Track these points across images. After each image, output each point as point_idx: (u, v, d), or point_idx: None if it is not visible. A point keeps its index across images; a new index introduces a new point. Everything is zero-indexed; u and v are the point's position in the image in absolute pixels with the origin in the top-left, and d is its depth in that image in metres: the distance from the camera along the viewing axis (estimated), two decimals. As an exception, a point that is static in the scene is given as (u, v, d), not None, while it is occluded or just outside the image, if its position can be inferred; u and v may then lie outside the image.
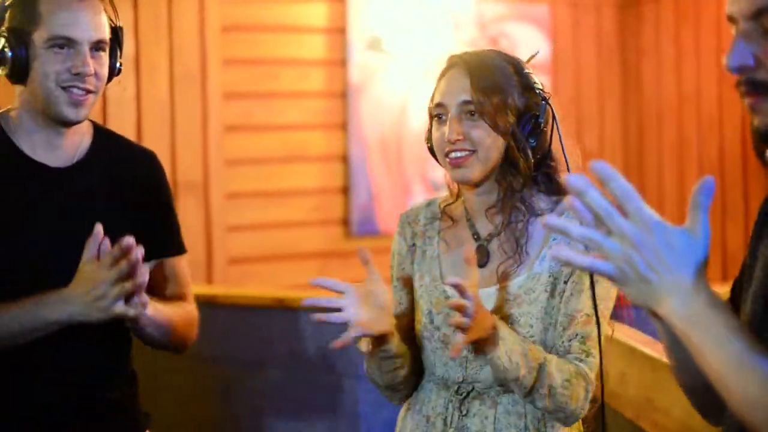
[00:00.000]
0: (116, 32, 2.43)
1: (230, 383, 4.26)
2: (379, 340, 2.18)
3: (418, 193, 6.20)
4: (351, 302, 2.11)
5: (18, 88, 2.38)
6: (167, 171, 2.58)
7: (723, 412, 1.62)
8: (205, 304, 4.33)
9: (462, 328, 2.01)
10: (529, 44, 6.70)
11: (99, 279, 2.19)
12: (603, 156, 6.98)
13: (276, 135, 5.96)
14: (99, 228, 2.21)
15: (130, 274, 2.19)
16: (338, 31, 6.10)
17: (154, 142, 5.41)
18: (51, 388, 2.34)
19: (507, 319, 2.20)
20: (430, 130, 2.29)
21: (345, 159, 6.14)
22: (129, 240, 2.18)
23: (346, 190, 6.11)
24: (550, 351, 2.19)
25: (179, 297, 2.53)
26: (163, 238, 2.52)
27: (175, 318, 2.44)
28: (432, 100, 2.27)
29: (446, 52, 2.39)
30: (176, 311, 2.46)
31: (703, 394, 1.61)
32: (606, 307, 2.19)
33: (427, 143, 2.30)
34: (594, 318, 2.14)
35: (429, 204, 2.39)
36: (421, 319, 2.29)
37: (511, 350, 2.09)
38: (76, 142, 2.43)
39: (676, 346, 1.53)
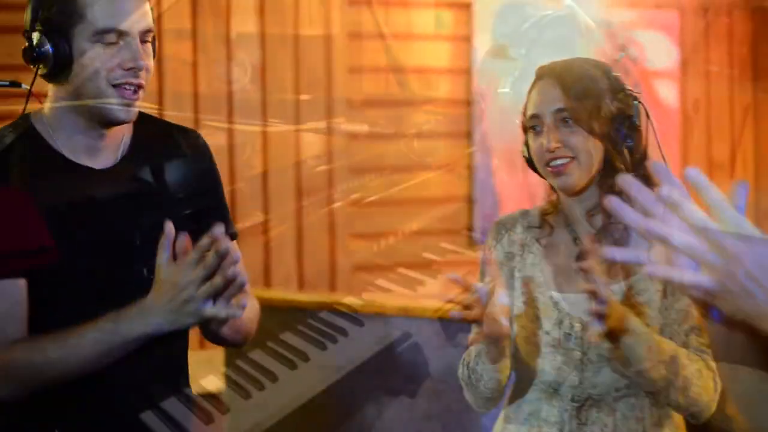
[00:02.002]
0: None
1: (351, 391, 4.26)
2: (497, 340, 2.18)
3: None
4: (480, 300, 2.12)
5: (52, 87, 2.16)
6: (292, 178, 2.55)
7: None
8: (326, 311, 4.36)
9: (599, 316, 2.02)
10: (658, 52, 6.59)
11: (184, 281, 1.98)
12: (734, 168, 6.82)
13: (401, 143, 5.96)
14: (170, 227, 2.01)
15: (218, 267, 1.97)
16: (463, 39, 6.06)
17: (280, 149, 5.47)
18: (106, 399, 2.16)
19: None
20: (526, 144, 2.32)
21: (470, 167, 6.10)
22: (218, 229, 1.96)
23: (470, 199, 6.08)
24: None
25: None
26: (215, 222, 2.12)
27: (247, 313, 2.19)
28: (525, 113, 2.30)
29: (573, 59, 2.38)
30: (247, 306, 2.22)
31: None
32: None
33: (524, 156, 2.33)
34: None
35: (524, 214, 2.42)
36: (527, 325, 2.29)
37: (638, 341, 2.09)
38: (119, 139, 2.22)
39: None
